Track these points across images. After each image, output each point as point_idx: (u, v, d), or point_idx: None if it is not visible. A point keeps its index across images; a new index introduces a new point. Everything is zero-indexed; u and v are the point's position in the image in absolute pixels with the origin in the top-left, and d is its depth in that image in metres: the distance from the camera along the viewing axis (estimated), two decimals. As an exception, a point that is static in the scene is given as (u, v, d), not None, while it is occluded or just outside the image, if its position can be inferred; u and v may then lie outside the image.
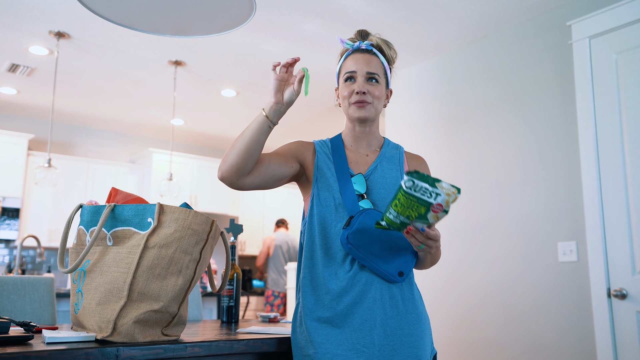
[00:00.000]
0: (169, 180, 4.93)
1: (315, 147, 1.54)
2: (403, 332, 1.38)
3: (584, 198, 2.97)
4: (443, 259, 3.73)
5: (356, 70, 1.50)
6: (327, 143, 1.56)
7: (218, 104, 5.40)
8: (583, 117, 3.02)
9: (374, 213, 1.40)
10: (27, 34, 3.89)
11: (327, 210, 1.45)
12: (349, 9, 3.39)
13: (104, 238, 1.33)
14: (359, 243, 1.38)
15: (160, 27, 2.05)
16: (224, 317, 1.95)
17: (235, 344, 1.36)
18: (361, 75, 1.49)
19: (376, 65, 1.52)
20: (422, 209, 1.17)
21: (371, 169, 1.50)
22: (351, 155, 1.54)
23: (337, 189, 1.46)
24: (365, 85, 1.49)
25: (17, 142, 5.54)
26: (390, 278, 1.40)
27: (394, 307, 1.40)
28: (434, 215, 1.19)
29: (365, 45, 1.54)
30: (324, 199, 1.46)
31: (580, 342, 2.93)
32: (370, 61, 1.51)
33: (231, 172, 1.37)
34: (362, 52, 1.53)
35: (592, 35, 3.02)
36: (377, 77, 1.50)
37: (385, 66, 1.54)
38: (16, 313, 1.89)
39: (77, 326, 1.33)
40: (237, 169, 1.37)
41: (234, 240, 2.03)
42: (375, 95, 1.49)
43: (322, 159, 1.51)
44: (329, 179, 1.48)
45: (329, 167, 1.50)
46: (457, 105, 3.85)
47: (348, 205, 1.42)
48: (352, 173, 1.49)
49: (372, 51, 1.53)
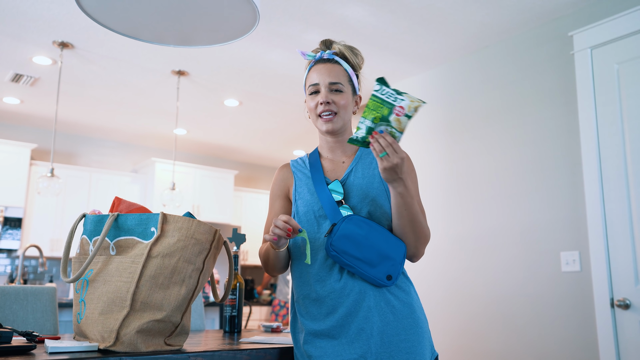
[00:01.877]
0: (171, 189, 4.94)
1: (291, 169, 1.59)
2: (400, 337, 1.37)
3: (586, 208, 2.96)
4: (445, 268, 3.72)
5: (319, 82, 1.50)
6: (305, 159, 1.60)
7: (221, 114, 5.42)
8: (585, 127, 3.02)
9: (356, 219, 1.41)
10: (31, 44, 3.91)
11: (309, 225, 1.47)
12: (351, 19, 3.41)
13: (107, 247, 1.33)
14: (344, 249, 1.38)
15: (163, 37, 2.06)
16: (227, 326, 1.95)
17: (238, 353, 1.36)
18: (324, 86, 1.50)
19: (338, 73, 1.51)
20: (385, 110, 1.32)
21: (347, 173, 1.51)
22: (327, 164, 1.56)
23: (316, 200, 1.47)
24: (329, 95, 1.49)
25: (20, 152, 5.56)
26: (379, 282, 1.39)
27: (391, 314, 1.39)
28: (396, 119, 1.32)
29: (327, 55, 1.53)
30: (304, 215, 1.49)
31: (584, 353, 2.91)
32: (331, 71, 1.50)
33: (280, 273, 1.56)
34: (324, 62, 1.52)
35: (594, 46, 3.03)
36: (340, 85, 1.50)
37: (349, 73, 1.53)
38: (18, 323, 1.88)
39: (80, 336, 1.32)
40: (280, 272, 1.54)
41: (236, 249, 2.03)
42: (341, 104, 1.49)
43: (299, 177, 1.56)
44: (306, 194, 1.50)
45: (307, 183, 1.52)
46: (459, 115, 3.86)
47: (329, 213, 1.43)
48: (329, 181, 1.50)
49: (334, 60, 1.52)
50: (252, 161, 7.49)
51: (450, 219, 3.76)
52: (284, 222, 1.34)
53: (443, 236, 3.75)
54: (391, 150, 1.30)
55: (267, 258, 1.50)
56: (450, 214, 3.77)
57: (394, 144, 1.31)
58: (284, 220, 1.34)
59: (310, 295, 1.44)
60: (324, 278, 1.42)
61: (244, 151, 6.93)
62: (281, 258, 1.48)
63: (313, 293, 1.43)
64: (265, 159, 7.34)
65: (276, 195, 1.60)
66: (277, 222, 1.35)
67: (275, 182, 1.61)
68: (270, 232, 1.36)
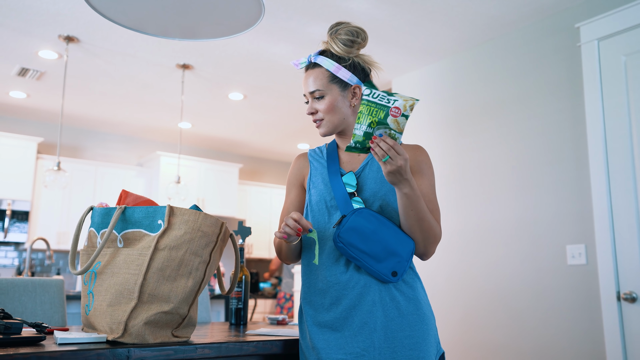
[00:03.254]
0: (177, 183, 4.95)
1: (309, 158, 1.61)
2: (404, 333, 1.37)
3: (593, 200, 2.95)
4: (451, 261, 3.72)
5: (305, 92, 1.54)
6: (323, 149, 1.61)
7: (225, 107, 5.42)
8: (592, 119, 3.01)
9: (365, 212, 1.41)
10: (37, 39, 3.92)
11: (320, 214, 1.48)
12: (355, 12, 3.40)
13: (114, 240, 1.34)
14: (350, 242, 1.38)
15: (168, 30, 2.07)
16: (233, 319, 1.96)
17: (244, 345, 1.37)
18: (308, 96, 1.53)
19: (316, 79, 1.49)
20: (381, 113, 1.30)
21: (362, 166, 1.51)
22: (344, 156, 1.57)
23: (328, 190, 1.48)
24: (313, 104, 1.51)
25: (27, 146, 5.59)
26: (384, 278, 1.39)
27: (395, 309, 1.39)
28: (394, 120, 1.30)
29: (308, 60, 1.52)
30: (316, 204, 1.50)
31: (590, 346, 2.91)
32: (310, 78, 1.51)
33: (294, 262, 1.59)
34: (307, 70, 1.54)
35: (601, 37, 3.01)
36: (319, 92, 1.49)
37: (331, 71, 1.49)
38: (27, 314, 1.90)
39: (88, 327, 1.34)
40: (294, 261, 1.58)
41: (242, 242, 2.04)
42: (323, 110, 1.50)
43: (315, 166, 1.57)
44: (320, 184, 1.51)
45: (322, 172, 1.54)
46: (463, 108, 3.85)
47: (340, 204, 1.44)
48: (343, 172, 1.51)
49: (314, 64, 1.51)
50: (257, 155, 7.50)
51: (454, 212, 3.76)
52: (295, 221, 1.35)
53: (447, 229, 3.75)
54: (393, 153, 1.29)
55: (281, 249, 1.54)
56: (455, 207, 3.77)
57: (395, 146, 1.29)
58: (295, 219, 1.36)
59: (315, 284, 1.45)
60: (330, 269, 1.43)
61: (249, 145, 6.93)
62: (293, 249, 1.51)
63: (319, 283, 1.44)
64: (270, 152, 7.34)
65: (292, 183, 1.62)
66: (288, 221, 1.36)
67: (291, 171, 1.63)
68: (281, 229, 1.38)
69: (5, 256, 5.69)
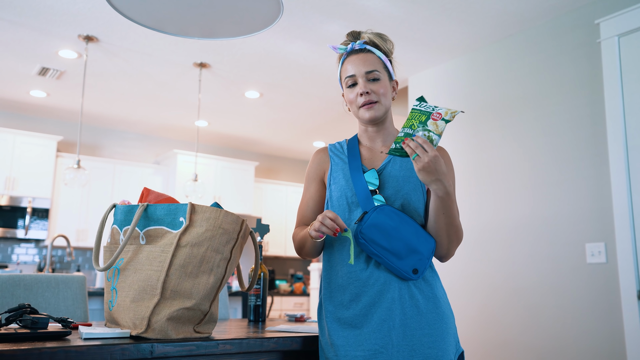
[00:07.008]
0: (194, 181, 4.99)
1: (329, 153, 1.59)
2: (423, 332, 1.36)
3: (612, 198, 2.92)
4: (470, 259, 3.70)
5: (355, 73, 1.50)
6: (343, 144, 1.60)
7: (242, 106, 5.45)
8: (612, 117, 2.97)
9: (387, 209, 1.40)
10: (57, 38, 3.98)
11: (341, 211, 1.47)
12: (372, 9, 3.39)
13: (137, 237, 1.36)
14: (372, 238, 1.38)
15: (188, 29, 2.09)
16: (251, 315, 1.98)
17: (265, 341, 1.38)
18: (361, 76, 1.49)
19: (373, 61, 1.50)
20: (422, 117, 1.35)
21: (384, 164, 1.50)
22: (366, 152, 1.55)
23: (350, 187, 1.47)
24: (368, 85, 1.49)
25: (47, 144, 5.68)
26: (405, 275, 1.39)
27: (414, 307, 1.38)
28: (433, 122, 1.33)
29: (358, 45, 1.52)
30: (337, 200, 1.49)
31: (610, 345, 2.88)
32: (366, 60, 1.50)
33: (314, 258, 1.58)
34: (356, 53, 1.52)
35: (622, 34, 2.97)
36: (377, 73, 1.49)
37: (383, 59, 1.52)
38: (50, 310, 1.94)
39: (111, 323, 1.36)
40: (314, 257, 1.56)
41: (260, 240, 2.05)
42: (380, 92, 1.49)
43: (336, 162, 1.55)
44: (341, 180, 1.50)
45: (343, 168, 1.52)
46: (481, 105, 3.82)
47: (361, 200, 1.44)
48: (365, 169, 1.50)
49: (365, 49, 1.52)
50: (273, 153, 7.52)
51: (473, 209, 3.74)
52: (332, 221, 1.35)
53: (466, 227, 3.73)
54: (421, 150, 1.29)
55: (303, 245, 1.51)
56: (474, 205, 3.75)
57: (425, 144, 1.30)
58: (332, 219, 1.35)
59: (336, 280, 1.45)
60: (350, 265, 1.43)
61: (265, 143, 6.96)
62: (318, 246, 1.50)
63: (339, 279, 1.44)
64: (286, 150, 7.36)
65: (312, 178, 1.60)
66: (325, 221, 1.35)
67: (311, 165, 1.61)
68: (317, 229, 1.36)
69: (25, 253, 5.79)
